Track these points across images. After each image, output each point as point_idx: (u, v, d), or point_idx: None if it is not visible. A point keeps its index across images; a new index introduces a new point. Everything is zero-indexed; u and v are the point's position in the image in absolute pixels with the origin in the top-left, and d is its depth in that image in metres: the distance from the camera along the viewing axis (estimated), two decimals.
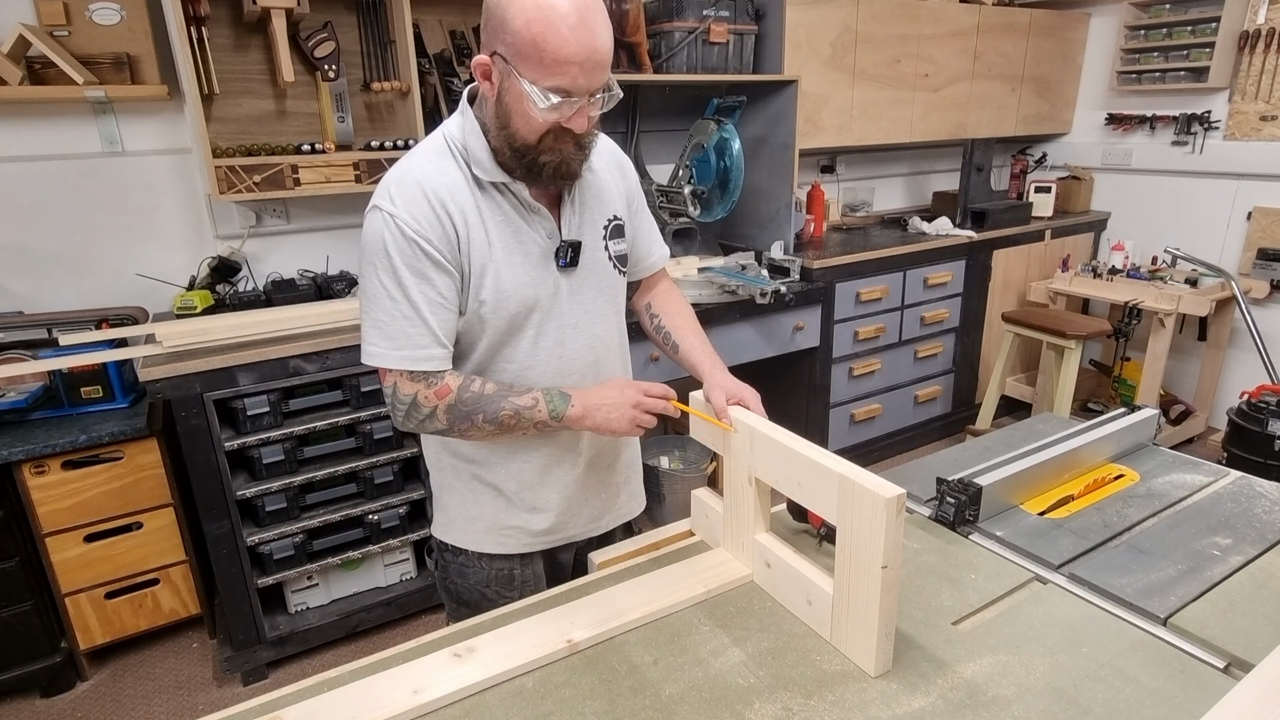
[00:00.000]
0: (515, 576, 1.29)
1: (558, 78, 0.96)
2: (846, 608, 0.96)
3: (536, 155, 1.04)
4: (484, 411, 1.08)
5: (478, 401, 1.08)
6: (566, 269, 1.16)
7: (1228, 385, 3.66)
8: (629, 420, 1.10)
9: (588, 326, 1.20)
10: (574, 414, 1.10)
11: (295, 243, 2.65)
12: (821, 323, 3.06)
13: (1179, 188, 3.76)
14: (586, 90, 0.99)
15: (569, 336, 1.18)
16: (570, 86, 0.97)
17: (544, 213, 1.12)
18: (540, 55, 0.95)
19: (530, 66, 0.96)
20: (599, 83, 1.00)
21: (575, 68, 0.96)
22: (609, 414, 1.10)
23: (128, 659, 2.35)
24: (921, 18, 3.30)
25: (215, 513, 2.10)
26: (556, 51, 0.94)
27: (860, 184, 3.97)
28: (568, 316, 1.18)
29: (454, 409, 1.08)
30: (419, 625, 2.49)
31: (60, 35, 2.13)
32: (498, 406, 1.08)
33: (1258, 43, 3.34)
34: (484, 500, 1.25)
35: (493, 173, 1.08)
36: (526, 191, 1.10)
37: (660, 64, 2.80)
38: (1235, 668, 0.94)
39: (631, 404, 1.10)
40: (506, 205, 1.10)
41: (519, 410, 1.08)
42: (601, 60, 0.98)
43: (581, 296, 1.19)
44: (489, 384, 1.10)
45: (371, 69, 2.50)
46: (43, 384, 2.13)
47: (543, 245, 1.13)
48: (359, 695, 0.93)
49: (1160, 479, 1.40)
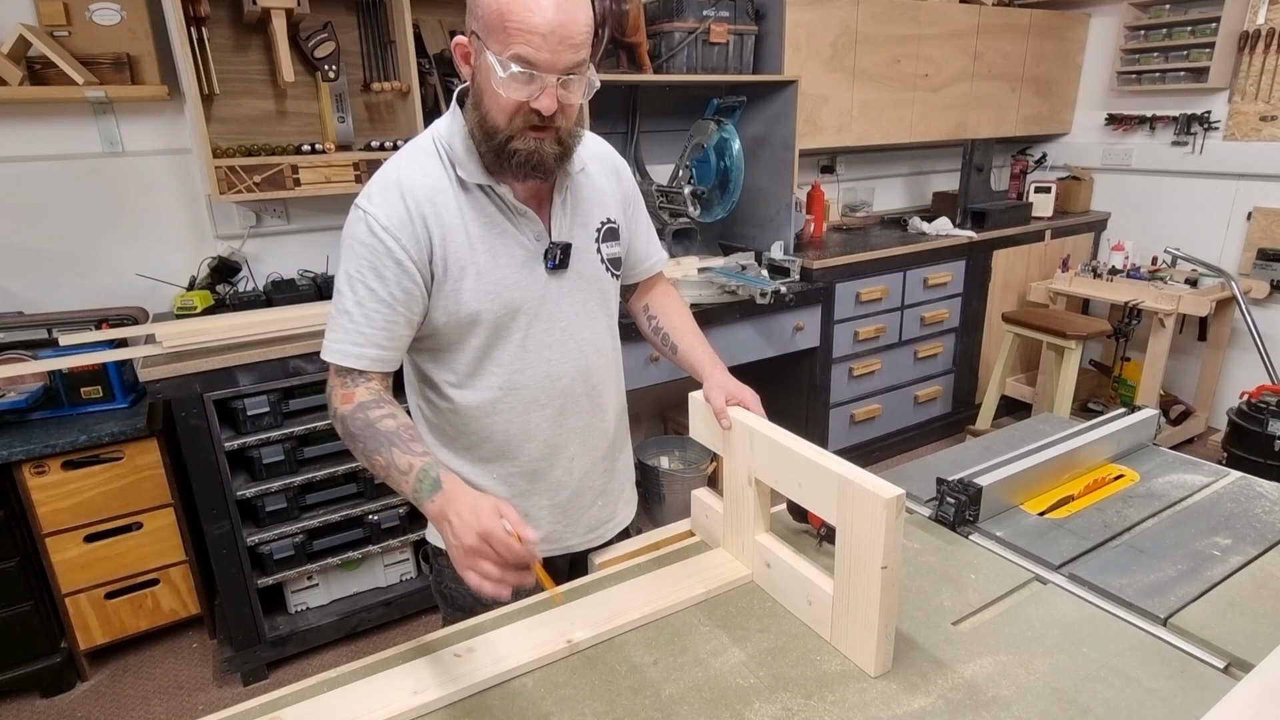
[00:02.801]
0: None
1: (518, 45, 0.95)
2: (846, 608, 0.96)
3: (507, 140, 1.02)
4: (365, 444, 1.01)
5: (366, 430, 1.01)
6: (555, 271, 1.15)
7: (1228, 385, 3.66)
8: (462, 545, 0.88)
9: (578, 329, 1.19)
10: (433, 509, 0.94)
11: (295, 243, 2.65)
12: (821, 323, 3.06)
13: (1179, 188, 3.76)
14: (551, 66, 0.97)
15: (558, 339, 1.17)
16: (532, 57, 0.95)
17: (531, 215, 1.11)
18: (504, 23, 0.94)
19: (495, 37, 0.96)
20: (565, 61, 0.97)
21: (538, 38, 0.94)
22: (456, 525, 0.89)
23: (128, 659, 2.35)
24: (921, 18, 3.30)
25: (215, 513, 2.10)
26: (520, 20, 0.94)
27: (860, 184, 3.97)
28: (557, 319, 1.16)
29: (347, 421, 1.03)
30: (419, 625, 2.49)
31: (60, 35, 2.13)
32: (377, 447, 0.99)
33: (1258, 43, 3.34)
34: None
35: (476, 175, 1.07)
36: (511, 194, 1.09)
37: (660, 64, 2.80)
38: (1235, 668, 0.94)
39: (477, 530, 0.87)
40: (491, 207, 1.09)
41: (391, 465, 0.98)
42: (568, 36, 0.96)
43: (572, 299, 1.18)
44: (390, 420, 1.01)
45: (371, 69, 2.50)
46: (43, 384, 2.13)
47: (529, 247, 1.12)
48: (359, 695, 0.93)
49: (1160, 479, 1.40)
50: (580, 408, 1.22)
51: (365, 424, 1.02)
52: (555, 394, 1.18)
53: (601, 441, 1.28)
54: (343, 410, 1.04)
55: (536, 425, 1.19)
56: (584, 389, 1.21)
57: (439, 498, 0.93)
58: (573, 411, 1.21)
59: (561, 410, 1.20)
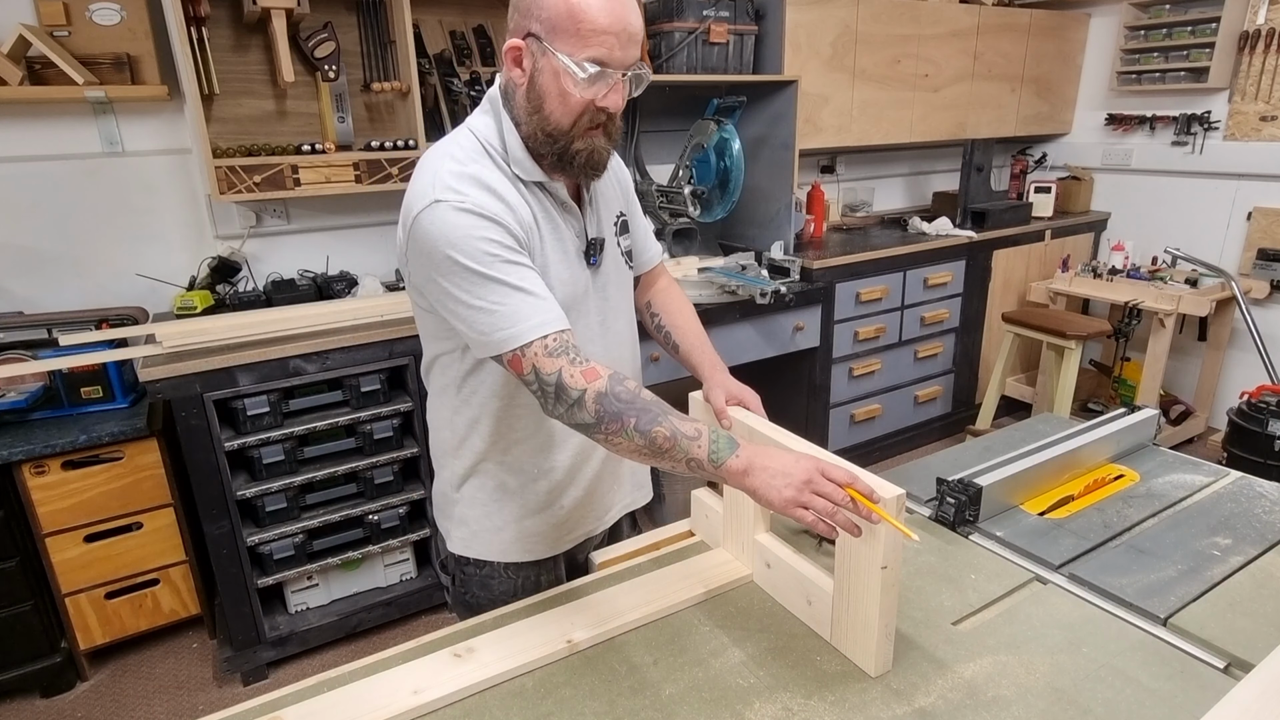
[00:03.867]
0: (541, 582, 1.26)
1: (595, 48, 0.96)
2: (846, 608, 0.96)
3: (570, 142, 1.02)
4: (639, 417, 0.93)
5: (633, 403, 0.94)
6: (594, 267, 1.16)
7: (1228, 385, 3.66)
8: (791, 497, 0.89)
9: (610, 323, 1.20)
10: (736, 465, 0.92)
11: (295, 243, 2.65)
12: (821, 323, 3.06)
13: (1179, 188, 3.75)
14: (622, 63, 0.99)
15: (596, 335, 1.17)
16: (607, 58, 0.97)
17: (576, 212, 1.12)
18: (577, 26, 0.95)
19: (566, 39, 0.96)
20: (633, 57, 1.00)
21: (612, 38, 0.96)
22: (773, 480, 0.90)
23: (128, 659, 2.35)
24: (921, 18, 3.30)
25: (215, 513, 2.10)
26: (594, 21, 0.95)
27: (860, 184, 3.97)
28: (594, 314, 1.17)
29: (605, 400, 0.94)
30: (419, 625, 2.49)
31: (60, 35, 2.13)
32: (654, 418, 0.93)
33: (1258, 43, 3.34)
34: (509, 509, 1.22)
35: (532, 172, 1.06)
36: (564, 190, 1.10)
37: (660, 64, 2.80)
38: (1235, 668, 0.94)
39: (803, 479, 0.90)
40: (547, 203, 1.09)
41: (677, 434, 0.93)
42: (634, 33, 0.98)
43: (606, 294, 1.19)
44: (647, 392, 0.97)
45: (371, 69, 2.50)
46: (43, 384, 2.13)
47: (574, 244, 1.13)
48: (359, 695, 0.93)
49: (1160, 479, 1.40)
50: None
51: (631, 397, 0.95)
52: None
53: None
54: (594, 389, 0.95)
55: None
56: None
57: (743, 454, 0.93)
58: None
59: None
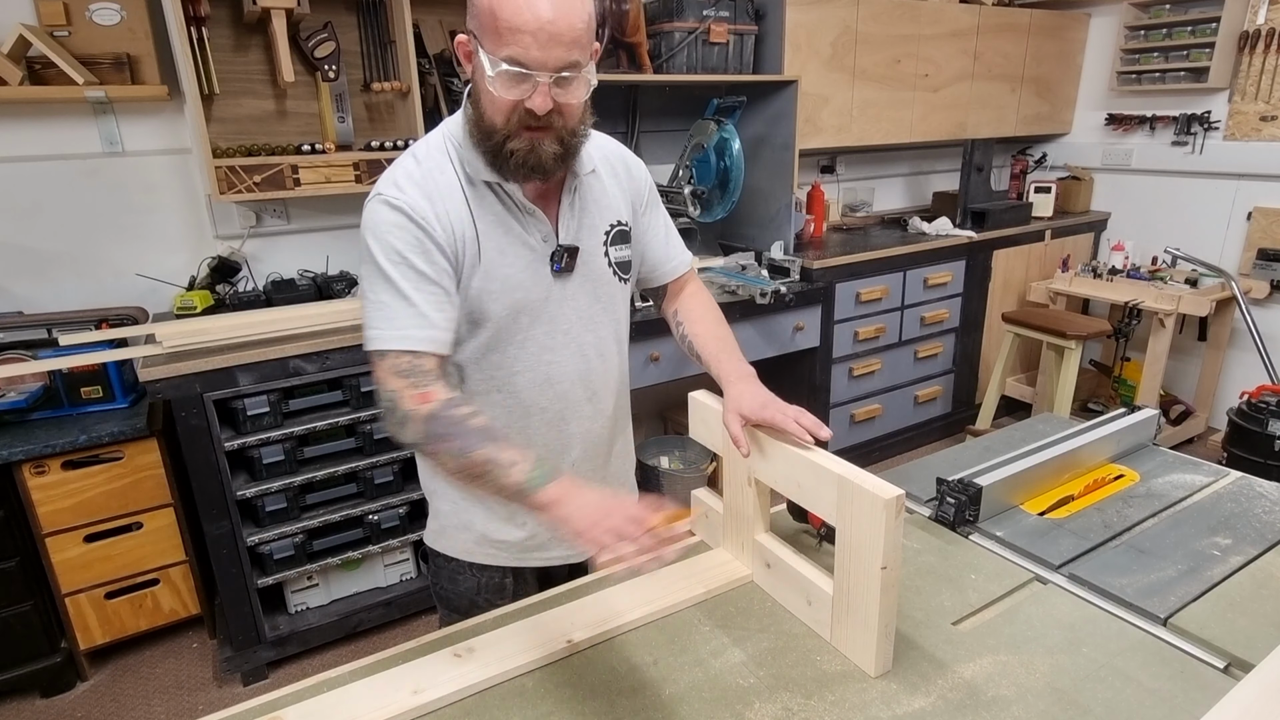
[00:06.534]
0: (507, 586, 1.27)
1: (509, 46, 0.94)
2: (846, 608, 0.96)
3: (503, 141, 1.01)
4: (462, 441, 0.93)
5: (457, 427, 0.94)
6: (560, 274, 1.13)
7: (1228, 385, 3.66)
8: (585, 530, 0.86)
9: (579, 334, 1.17)
10: (549, 493, 0.90)
11: (295, 243, 2.65)
12: (821, 323, 3.06)
13: (1179, 188, 3.75)
14: (542, 65, 0.95)
15: (559, 343, 1.15)
16: (522, 57, 0.94)
17: (539, 215, 1.10)
18: (495, 23, 0.94)
19: (488, 36, 0.96)
20: (557, 60, 0.95)
21: (527, 37, 0.93)
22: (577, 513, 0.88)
23: (128, 659, 2.35)
24: (921, 18, 3.30)
25: (215, 513, 2.10)
26: (509, 19, 0.93)
27: (860, 184, 3.97)
28: (559, 322, 1.15)
29: (432, 422, 0.95)
30: (419, 625, 2.49)
31: (60, 35, 2.13)
32: (474, 445, 0.93)
33: (1258, 43, 3.34)
34: (475, 511, 1.22)
35: (483, 171, 1.06)
36: (520, 192, 1.08)
37: (660, 64, 2.80)
38: (1235, 668, 0.94)
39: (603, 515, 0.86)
40: (499, 205, 1.08)
41: (492, 460, 0.92)
42: (558, 34, 0.94)
43: (576, 303, 1.16)
44: (480, 418, 0.96)
45: (371, 69, 2.50)
46: (43, 384, 2.13)
47: (536, 248, 1.11)
48: (359, 695, 0.93)
49: (1160, 479, 1.40)
50: (582, 412, 1.20)
51: (456, 421, 0.95)
52: (554, 398, 1.17)
53: (605, 447, 1.27)
54: (423, 410, 0.96)
55: (536, 430, 1.18)
56: (584, 394, 1.20)
57: (559, 486, 0.90)
58: (574, 416, 1.20)
59: (561, 415, 1.19)
